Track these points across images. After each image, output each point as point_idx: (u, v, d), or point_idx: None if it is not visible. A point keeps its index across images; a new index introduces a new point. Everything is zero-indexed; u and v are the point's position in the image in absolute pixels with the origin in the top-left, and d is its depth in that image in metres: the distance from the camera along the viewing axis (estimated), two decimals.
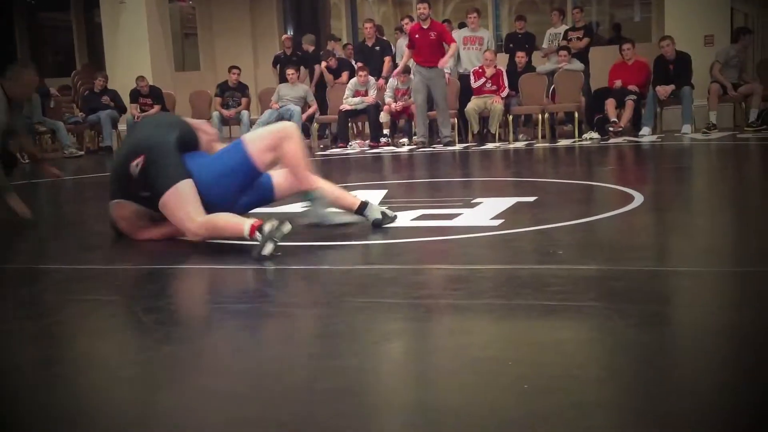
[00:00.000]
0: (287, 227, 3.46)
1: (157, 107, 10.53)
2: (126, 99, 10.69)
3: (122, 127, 10.71)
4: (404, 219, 4.26)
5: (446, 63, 9.21)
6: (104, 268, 3.57)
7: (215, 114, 10.53)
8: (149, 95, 10.61)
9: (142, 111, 10.53)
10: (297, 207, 4.49)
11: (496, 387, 1.91)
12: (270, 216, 3.77)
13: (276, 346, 2.37)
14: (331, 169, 7.96)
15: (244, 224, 3.52)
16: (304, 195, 4.09)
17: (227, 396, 1.93)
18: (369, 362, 2.17)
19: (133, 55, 11.07)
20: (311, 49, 11.31)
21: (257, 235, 3.44)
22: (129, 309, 2.91)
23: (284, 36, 12.05)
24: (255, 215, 3.91)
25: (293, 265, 3.39)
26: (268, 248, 3.39)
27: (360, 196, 4.30)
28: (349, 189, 5.55)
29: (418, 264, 3.37)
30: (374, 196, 5.09)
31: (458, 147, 9.16)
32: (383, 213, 4.06)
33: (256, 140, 3.98)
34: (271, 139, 3.95)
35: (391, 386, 2.05)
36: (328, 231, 3.97)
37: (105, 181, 4.50)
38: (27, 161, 6.65)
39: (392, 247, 3.71)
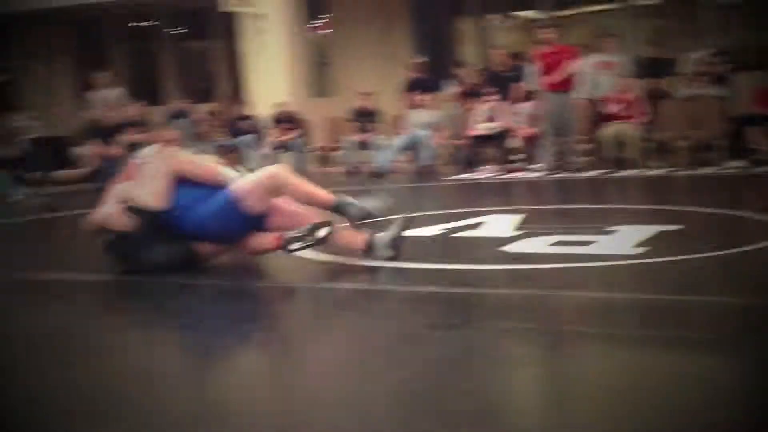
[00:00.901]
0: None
1: (295, 132, 10.90)
2: (266, 124, 11.12)
3: (263, 151, 11.13)
4: (541, 245, 4.26)
5: (569, 83, 9.11)
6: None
7: (349, 139, 10.78)
8: (288, 120, 11.00)
9: (280, 135, 10.92)
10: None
11: (626, 417, 1.90)
12: None
13: (410, 367, 2.43)
14: (461, 195, 8.02)
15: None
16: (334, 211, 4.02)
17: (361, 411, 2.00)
18: (501, 386, 2.21)
19: (272, 81, 11.52)
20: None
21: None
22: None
23: (414, 60, 12.21)
24: None
25: (430, 287, 3.45)
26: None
27: (492, 221, 4.32)
28: (481, 215, 5.60)
29: (556, 290, 3.36)
30: (508, 222, 5.11)
31: (591, 173, 9.02)
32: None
33: (249, 196, 3.86)
34: (265, 190, 3.87)
35: (522, 410, 2.07)
36: (461, 252, 4.02)
37: None
38: None
39: (530, 272, 3.72)
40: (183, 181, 3.92)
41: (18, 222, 7.02)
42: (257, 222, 3.95)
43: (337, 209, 3.91)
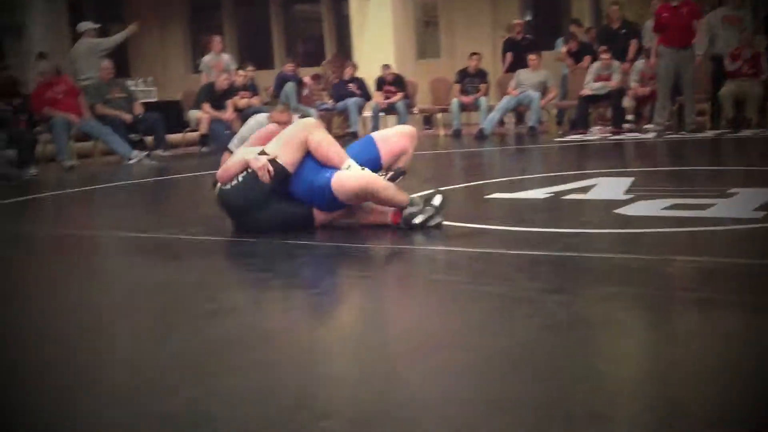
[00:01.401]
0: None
1: (400, 94, 10.88)
2: (372, 87, 11.14)
3: (367, 113, 11.17)
4: (655, 208, 4.11)
5: (690, 38, 8.70)
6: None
7: (454, 101, 10.68)
8: (393, 83, 10.99)
9: (386, 98, 10.92)
10: None
11: (736, 386, 1.81)
12: None
13: (521, 331, 2.39)
14: (569, 157, 7.83)
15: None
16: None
17: (473, 373, 1.98)
18: (605, 353, 2.15)
19: (378, 44, 11.51)
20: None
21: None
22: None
23: (515, 21, 11.94)
24: None
25: (535, 251, 3.38)
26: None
27: (602, 184, 4.21)
28: (590, 177, 5.46)
29: (671, 255, 3.24)
30: (619, 185, 4.95)
31: (709, 133, 8.65)
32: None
33: (342, 194, 3.89)
34: (360, 193, 3.90)
35: (628, 377, 2.00)
36: (570, 216, 3.93)
37: None
38: None
39: (643, 236, 3.60)
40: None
41: (134, 183, 7.28)
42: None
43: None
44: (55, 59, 10.62)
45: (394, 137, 4.23)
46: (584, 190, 4.90)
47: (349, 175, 3.92)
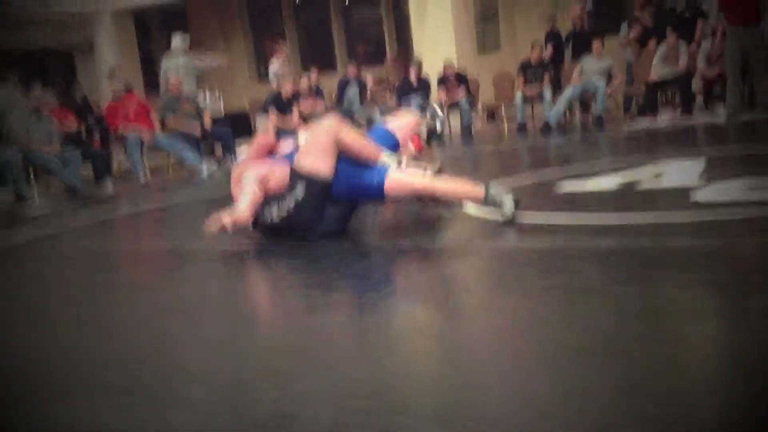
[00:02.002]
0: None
1: (462, 90, 10.85)
2: (434, 85, 11.14)
3: (431, 111, 11.16)
4: (729, 192, 4.03)
5: (759, 14, 8.43)
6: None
7: (518, 94, 10.59)
8: (455, 79, 10.96)
9: (447, 95, 10.91)
10: None
11: None
12: None
13: (594, 323, 2.37)
14: (639, 144, 7.70)
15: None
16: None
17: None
18: (681, 343, 2.12)
19: (438, 41, 11.50)
20: None
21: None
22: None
23: (574, 11, 11.77)
24: None
25: (609, 242, 3.35)
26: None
27: (675, 170, 4.14)
28: (662, 163, 5.36)
29: (747, 240, 3.17)
30: (692, 170, 4.86)
31: None
32: None
33: (393, 193, 3.99)
34: (411, 192, 4.00)
35: (705, 366, 1.98)
36: (643, 203, 3.87)
37: None
38: None
39: (719, 222, 3.53)
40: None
41: (206, 198, 7.44)
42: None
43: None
44: (125, 76, 10.94)
45: (407, 125, 4.39)
46: (657, 177, 4.83)
47: (406, 179, 3.93)
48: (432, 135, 4.61)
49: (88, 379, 2.37)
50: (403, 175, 3.94)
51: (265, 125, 9.93)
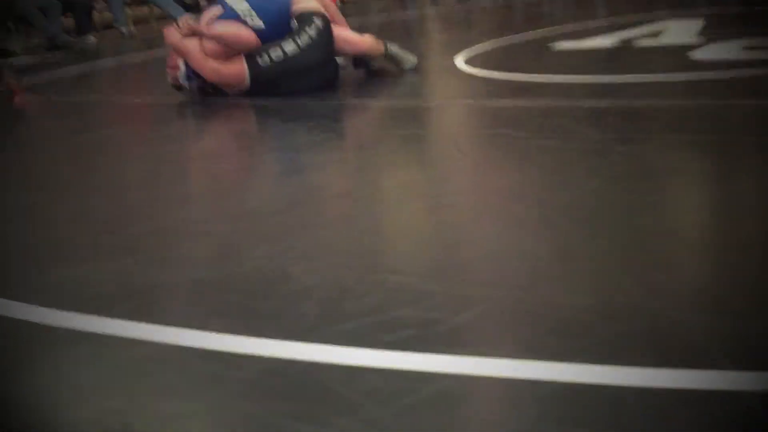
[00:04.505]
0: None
1: None
2: None
3: None
4: (728, 51, 3.95)
5: None
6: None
7: None
8: None
9: None
10: None
11: None
12: None
13: (586, 183, 2.36)
14: (637, 1, 7.48)
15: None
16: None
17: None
18: (674, 204, 2.12)
19: None
20: None
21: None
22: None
23: None
24: None
25: (602, 101, 3.30)
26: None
27: (673, 27, 4.05)
28: (660, 20, 5.23)
29: (745, 99, 3.12)
30: (690, 28, 4.74)
31: None
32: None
33: None
34: None
35: (696, 229, 1.98)
36: (641, 62, 3.80)
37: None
38: None
39: (716, 81, 3.47)
40: None
41: None
42: None
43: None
44: None
45: None
46: (654, 34, 4.72)
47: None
48: None
49: (78, 241, 2.37)
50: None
51: None
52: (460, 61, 4.55)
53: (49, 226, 2.48)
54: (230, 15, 4.06)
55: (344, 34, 4.22)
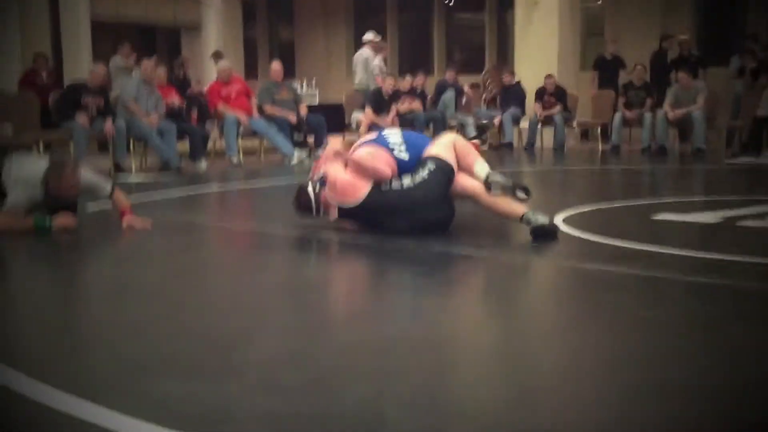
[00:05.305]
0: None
1: (558, 107, 10.69)
2: (531, 97, 11.01)
3: (523, 125, 11.06)
4: None
5: None
6: None
7: (617, 115, 10.39)
8: (553, 94, 10.81)
9: (544, 109, 10.76)
10: None
11: None
12: None
13: (696, 360, 2.30)
14: (741, 180, 7.44)
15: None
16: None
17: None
18: None
19: (541, 54, 11.34)
20: None
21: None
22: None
23: (680, 36, 11.48)
24: None
25: (710, 278, 3.24)
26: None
27: None
28: (766, 203, 5.18)
29: None
30: None
31: None
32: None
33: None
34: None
35: None
36: (746, 242, 3.74)
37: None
38: None
39: None
40: None
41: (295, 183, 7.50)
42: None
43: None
44: (230, 59, 11.14)
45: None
46: (761, 215, 4.66)
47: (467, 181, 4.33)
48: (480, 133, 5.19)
49: (184, 358, 2.42)
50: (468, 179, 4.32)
51: (359, 121, 9.98)
52: (559, 221, 4.58)
53: (157, 340, 2.55)
54: (381, 143, 4.39)
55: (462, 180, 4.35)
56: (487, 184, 4.21)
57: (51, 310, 3.10)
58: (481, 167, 4.30)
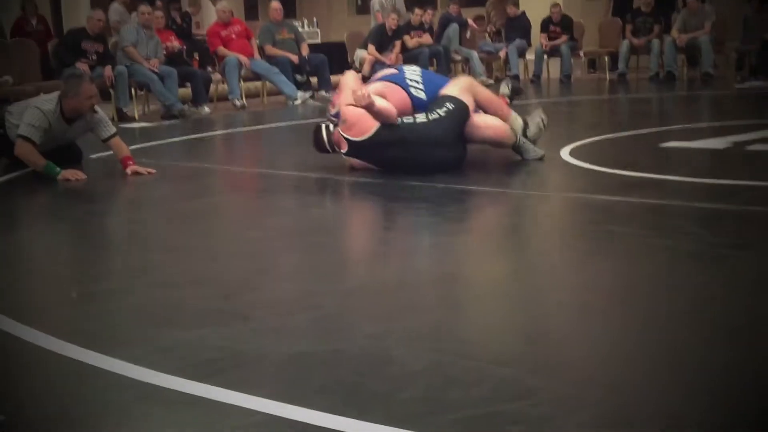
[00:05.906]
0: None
1: (564, 37, 10.52)
2: (537, 28, 10.82)
3: (529, 57, 10.89)
4: None
5: None
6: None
7: (624, 43, 10.21)
8: (559, 24, 10.63)
9: (550, 39, 10.59)
10: None
11: None
12: None
13: (701, 288, 2.28)
14: (750, 105, 7.35)
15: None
16: None
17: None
18: None
19: None
20: None
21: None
22: None
23: None
24: None
25: (716, 204, 3.22)
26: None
27: None
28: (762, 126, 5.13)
29: None
30: None
31: None
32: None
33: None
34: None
35: None
36: (753, 170, 3.70)
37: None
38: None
39: None
40: None
41: (299, 125, 7.46)
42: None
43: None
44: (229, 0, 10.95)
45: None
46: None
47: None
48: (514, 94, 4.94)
49: (191, 304, 2.42)
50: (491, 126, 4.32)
51: (362, 59, 9.85)
52: (566, 153, 4.54)
53: (163, 287, 2.55)
54: (399, 80, 4.36)
55: (480, 119, 4.29)
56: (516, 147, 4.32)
57: (57, 259, 3.11)
58: (515, 121, 4.35)
